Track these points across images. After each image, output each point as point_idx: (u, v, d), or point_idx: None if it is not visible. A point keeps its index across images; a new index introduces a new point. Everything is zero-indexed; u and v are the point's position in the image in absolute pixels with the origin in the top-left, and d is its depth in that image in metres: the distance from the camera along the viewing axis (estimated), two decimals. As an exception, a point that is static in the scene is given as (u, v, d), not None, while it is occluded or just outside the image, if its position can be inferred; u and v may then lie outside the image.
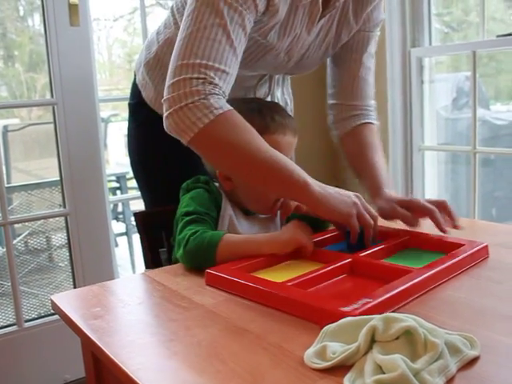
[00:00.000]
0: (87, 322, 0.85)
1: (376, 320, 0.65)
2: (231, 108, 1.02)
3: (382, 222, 1.14)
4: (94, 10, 2.19)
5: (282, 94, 1.49)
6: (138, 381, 0.66)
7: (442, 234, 1.09)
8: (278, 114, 1.16)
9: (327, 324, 0.71)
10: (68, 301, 0.96)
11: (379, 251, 1.05)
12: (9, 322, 2.22)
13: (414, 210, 1.10)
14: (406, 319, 0.65)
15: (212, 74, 1.01)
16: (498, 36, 2.20)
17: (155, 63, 1.35)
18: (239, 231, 1.16)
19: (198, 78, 1.00)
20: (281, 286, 0.87)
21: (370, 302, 0.78)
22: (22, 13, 2.33)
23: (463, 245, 1.03)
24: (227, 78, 1.04)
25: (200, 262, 1.02)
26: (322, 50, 1.33)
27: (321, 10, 1.20)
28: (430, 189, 2.65)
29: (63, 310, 0.91)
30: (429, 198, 1.11)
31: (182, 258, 1.05)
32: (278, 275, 0.95)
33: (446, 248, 1.03)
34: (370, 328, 0.64)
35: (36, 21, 2.34)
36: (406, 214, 1.08)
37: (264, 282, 0.90)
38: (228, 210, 1.16)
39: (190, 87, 1.00)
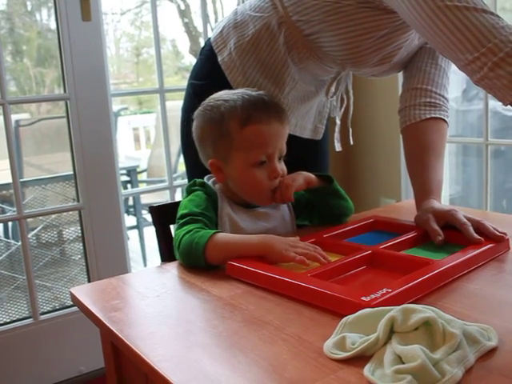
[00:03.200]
0: (107, 314, 0.86)
1: (395, 311, 0.66)
2: None
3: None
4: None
5: (347, 92, 1.48)
6: (161, 372, 0.67)
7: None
8: (262, 103, 1.14)
9: (348, 313, 0.73)
10: (87, 294, 0.97)
11: (400, 243, 1.05)
12: (24, 315, 2.25)
13: (449, 221, 1.08)
14: (424, 310, 0.66)
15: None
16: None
17: (249, 46, 1.31)
18: (242, 228, 1.15)
19: (504, 27, 0.94)
20: (302, 277, 0.89)
21: (390, 292, 0.79)
22: (29, 7, 2.33)
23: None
24: None
25: (193, 262, 1.03)
26: (410, 55, 1.32)
27: None
28: (441, 181, 2.65)
29: (83, 302, 0.92)
30: (467, 215, 1.07)
31: (178, 258, 1.06)
32: (299, 266, 0.95)
33: (467, 241, 1.02)
34: (389, 319, 0.65)
35: (44, 15, 2.35)
36: (432, 229, 1.06)
37: (286, 273, 0.91)
38: (225, 209, 1.15)
39: (502, 35, 0.93)
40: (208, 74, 1.40)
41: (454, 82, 2.78)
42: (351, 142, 1.55)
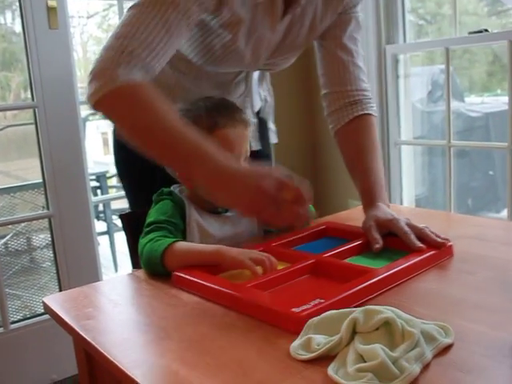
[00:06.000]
0: (80, 322, 0.88)
1: (357, 312, 0.70)
2: (142, 82, 1.00)
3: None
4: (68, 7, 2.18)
5: (261, 92, 1.49)
6: (133, 377, 0.69)
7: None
8: (225, 108, 1.17)
9: (279, 324, 0.78)
10: (60, 302, 0.98)
11: (345, 251, 1.06)
12: (-6, 325, 2.24)
13: (391, 230, 1.09)
14: (384, 311, 0.69)
15: (136, 44, 1.00)
16: (469, 33, 2.26)
17: None
18: (210, 233, 1.17)
19: (119, 46, 0.99)
20: (240, 288, 0.90)
21: (322, 303, 0.81)
22: (-7, 10, 2.32)
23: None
24: (154, 51, 1.01)
25: (153, 269, 1.05)
26: (297, 46, 1.31)
27: (282, 7, 1.19)
28: (407, 182, 2.71)
29: (56, 311, 0.94)
30: (410, 223, 1.08)
31: (142, 266, 1.09)
32: (245, 275, 0.97)
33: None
34: (351, 320, 0.69)
35: (8, 18, 2.33)
36: (372, 237, 1.08)
37: (224, 283, 0.93)
38: (193, 216, 1.17)
39: (103, 56, 1.00)
40: None
41: (420, 83, 2.85)
42: (275, 141, 1.55)
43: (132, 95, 0.99)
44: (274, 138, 1.54)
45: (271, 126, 1.54)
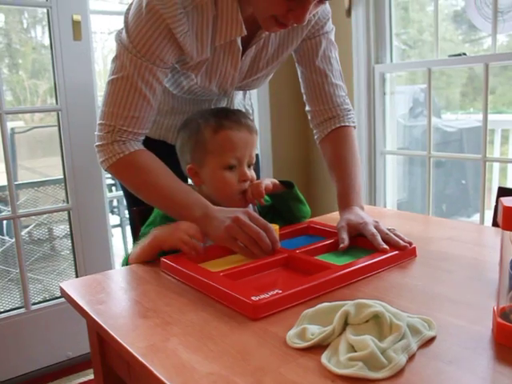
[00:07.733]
0: (93, 306, 0.85)
1: (348, 306, 0.67)
2: (135, 151, 1.10)
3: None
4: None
5: (243, 106, 1.47)
6: (141, 359, 0.66)
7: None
8: (234, 114, 1.16)
9: (241, 310, 0.77)
10: (75, 288, 0.95)
11: (316, 248, 1.04)
12: (17, 305, 2.20)
13: (360, 232, 1.07)
14: (374, 305, 0.67)
15: (121, 122, 1.09)
16: (449, 56, 2.24)
17: None
18: None
19: (109, 125, 1.09)
20: (212, 276, 0.89)
21: (279, 294, 0.79)
22: (25, 25, 2.30)
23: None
24: (138, 121, 1.10)
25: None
26: (265, 71, 1.29)
27: (241, 48, 1.17)
28: (391, 187, 2.68)
29: (71, 296, 0.91)
30: (378, 226, 1.05)
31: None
32: (223, 265, 0.96)
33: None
34: (344, 312, 0.66)
35: (38, 32, 2.32)
36: (340, 238, 1.05)
37: (199, 271, 0.92)
38: None
39: (101, 132, 1.11)
40: None
41: (403, 100, 2.83)
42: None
43: (129, 164, 1.10)
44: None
45: None
